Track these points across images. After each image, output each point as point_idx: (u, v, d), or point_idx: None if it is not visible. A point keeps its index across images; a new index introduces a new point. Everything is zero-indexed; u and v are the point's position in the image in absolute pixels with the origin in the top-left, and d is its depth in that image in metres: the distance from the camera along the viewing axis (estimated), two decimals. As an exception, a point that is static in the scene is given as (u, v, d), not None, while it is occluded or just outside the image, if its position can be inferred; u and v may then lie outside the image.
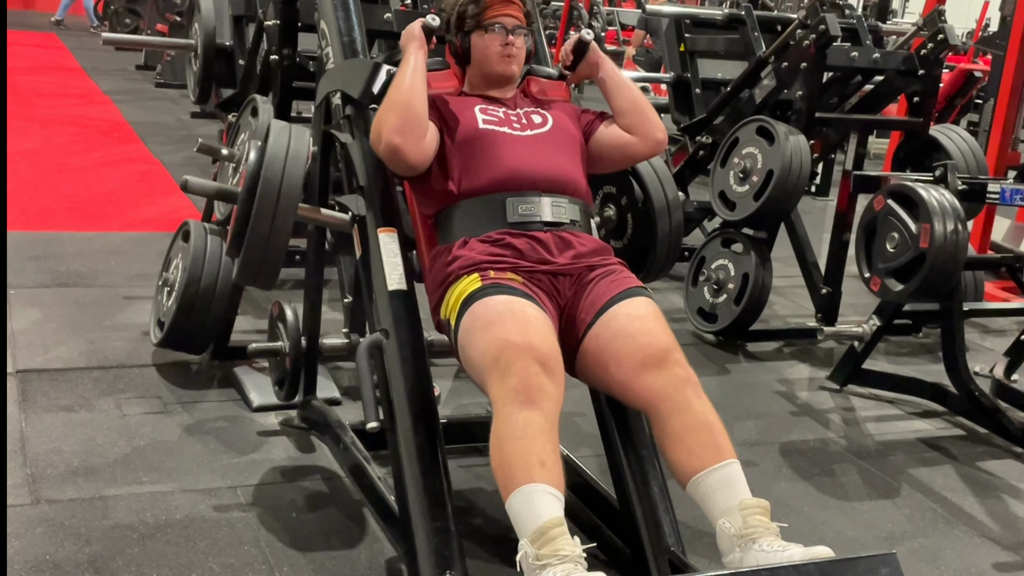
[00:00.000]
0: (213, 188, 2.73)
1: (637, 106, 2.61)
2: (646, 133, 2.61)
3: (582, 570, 1.85)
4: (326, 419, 3.02)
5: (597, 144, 2.62)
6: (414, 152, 2.37)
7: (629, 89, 2.63)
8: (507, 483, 1.95)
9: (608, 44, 13.52)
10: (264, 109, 3.33)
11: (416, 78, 2.42)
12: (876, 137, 8.80)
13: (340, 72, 2.72)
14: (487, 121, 2.48)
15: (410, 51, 2.48)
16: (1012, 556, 2.80)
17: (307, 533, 2.56)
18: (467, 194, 2.41)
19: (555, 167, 2.46)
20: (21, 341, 3.56)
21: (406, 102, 2.37)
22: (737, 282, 4.21)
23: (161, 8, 10.49)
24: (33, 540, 2.39)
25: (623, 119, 2.61)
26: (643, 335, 2.20)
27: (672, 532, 2.32)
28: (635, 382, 2.16)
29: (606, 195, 3.14)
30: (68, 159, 6.57)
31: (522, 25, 2.57)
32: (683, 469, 2.09)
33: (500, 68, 2.55)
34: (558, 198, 2.42)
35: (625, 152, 2.64)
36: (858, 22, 4.72)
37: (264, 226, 2.46)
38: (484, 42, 2.54)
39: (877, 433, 3.60)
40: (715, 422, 2.12)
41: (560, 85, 2.74)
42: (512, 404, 1.99)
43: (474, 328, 2.16)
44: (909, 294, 3.50)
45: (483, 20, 2.54)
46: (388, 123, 2.37)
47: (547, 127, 2.53)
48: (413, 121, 2.37)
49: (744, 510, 2.00)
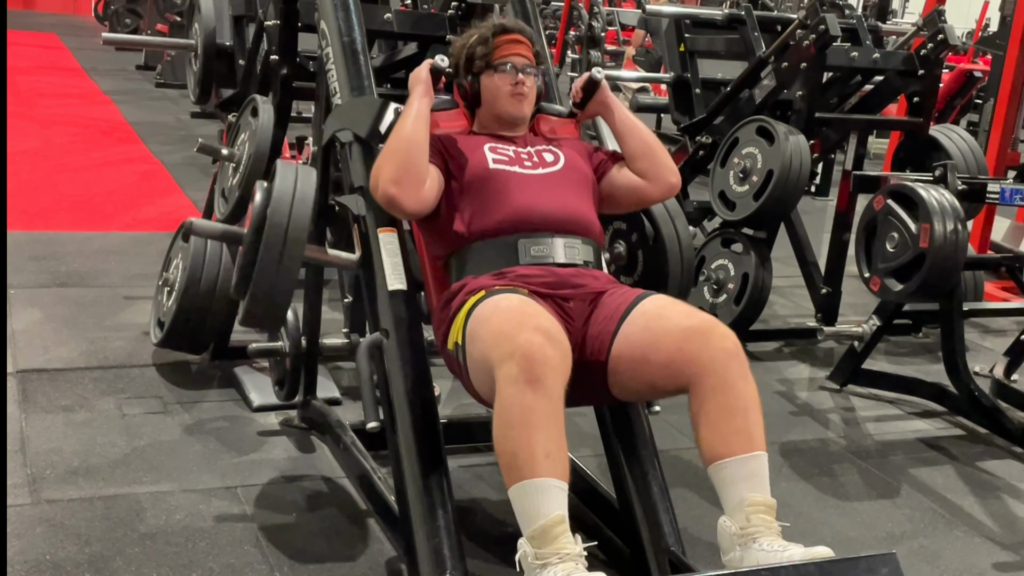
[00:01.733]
0: (218, 230, 2.65)
1: (650, 150, 2.56)
2: (659, 177, 2.56)
3: (582, 569, 1.85)
4: (326, 419, 3.02)
5: (609, 186, 2.57)
6: (411, 202, 2.33)
7: (640, 132, 2.58)
8: (510, 471, 1.93)
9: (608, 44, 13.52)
10: (264, 109, 3.33)
11: (417, 125, 2.38)
12: (876, 137, 8.80)
13: (347, 110, 2.67)
14: (497, 160, 2.44)
15: (414, 96, 2.44)
16: (1012, 556, 2.80)
17: (307, 533, 2.56)
18: (478, 236, 2.36)
19: (568, 207, 2.41)
20: (21, 341, 3.56)
21: (405, 151, 2.34)
22: (737, 282, 4.21)
23: (161, 8, 10.48)
24: (33, 540, 2.39)
25: (635, 163, 2.56)
26: (679, 315, 2.17)
27: (672, 532, 2.32)
28: (679, 355, 2.09)
29: (616, 231, 3.11)
30: (68, 159, 6.57)
31: (532, 64, 2.54)
32: (710, 451, 2.05)
33: (511, 108, 2.52)
34: (571, 239, 2.37)
35: (638, 196, 2.59)
36: (858, 22, 4.72)
37: (269, 272, 2.39)
38: (494, 82, 2.51)
39: (877, 433, 3.60)
40: (754, 407, 2.07)
41: (570, 123, 2.70)
42: (516, 384, 1.94)
43: (478, 325, 2.12)
44: (909, 294, 3.50)
45: (492, 60, 2.51)
46: (385, 172, 2.33)
47: (559, 165, 2.49)
48: (411, 170, 2.33)
49: (749, 507, 1.99)
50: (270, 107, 3.35)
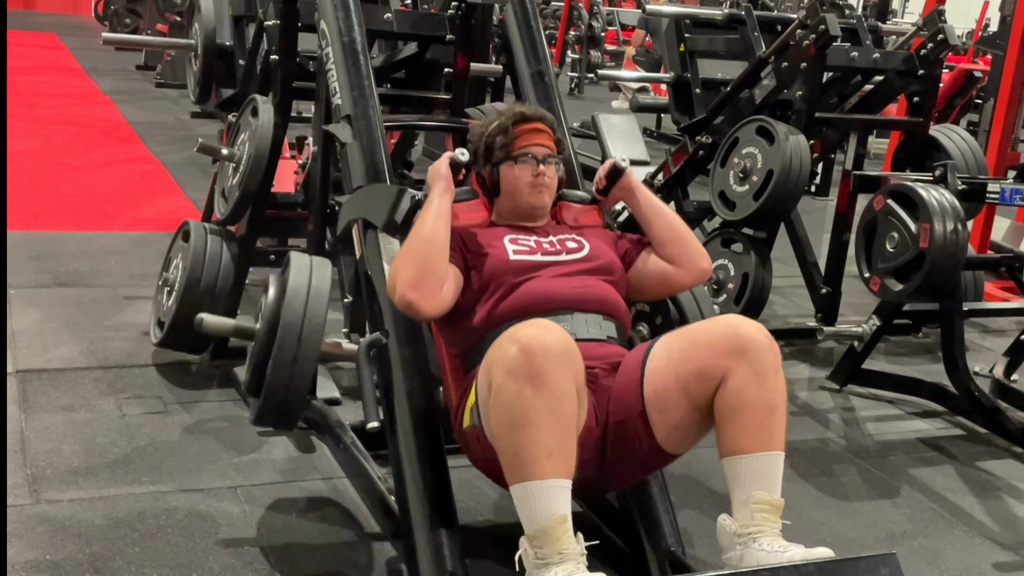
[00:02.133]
0: (230, 327, 2.53)
1: (678, 235, 2.46)
2: (690, 263, 2.46)
3: (583, 569, 1.84)
4: (326, 419, 3.02)
5: (638, 274, 2.47)
6: (429, 307, 2.21)
7: (667, 217, 2.48)
8: (511, 470, 1.92)
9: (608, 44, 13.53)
10: (264, 109, 3.33)
11: (438, 225, 2.25)
12: (876, 137, 8.80)
13: (362, 199, 2.61)
14: (518, 251, 2.34)
15: (435, 193, 2.32)
16: (1012, 556, 2.80)
17: (307, 533, 2.56)
18: (499, 323, 2.21)
19: (592, 290, 2.32)
20: (21, 341, 3.56)
21: (424, 253, 2.21)
22: (737, 282, 4.21)
23: (161, 8, 10.49)
24: (33, 540, 2.39)
25: (664, 249, 2.45)
26: (704, 325, 2.15)
27: (672, 532, 2.32)
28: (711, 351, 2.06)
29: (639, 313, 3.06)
30: (68, 159, 6.57)
31: (553, 154, 2.46)
32: (728, 444, 2.03)
33: (531, 200, 2.43)
34: (593, 316, 2.28)
35: (668, 283, 2.49)
36: (858, 22, 4.71)
37: (283, 373, 2.30)
38: (514, 173, 2.42)
39: (877, 433, 3.60)
40: (780, 405, 2.05)
41: (592, 209, 2.59)
42: (516, 381, 1.89)
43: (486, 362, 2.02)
44: (909, 294, 3.50)
45: (512, 151, 2.43)
46: (403, 276, 2.20)
47: (583, 252, 2.39)
48: (430, 273, 2.21)
49: (755, 504, 1.99)
50: (270, 107, 3.35)
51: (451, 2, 3.24)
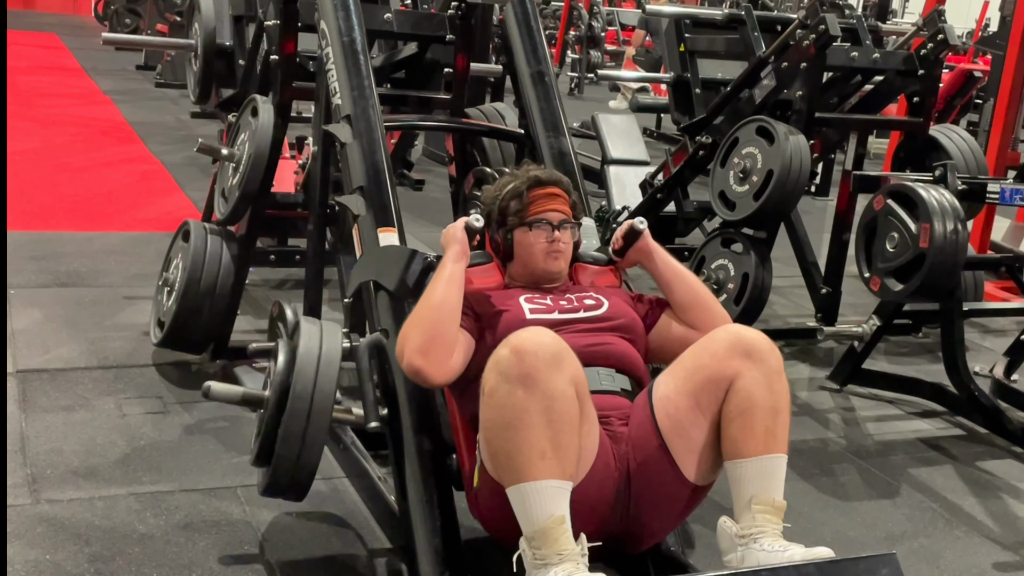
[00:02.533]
0: (238, 395, 2.40)
1: (700, 299, 2.40)
2: (713, 327, 2.31)
3: (583, 569, 1.84)
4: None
5: (659, 337, 2.41)
6: (437, 374, 2.15)
7: (687, 281, 2.42)
8: (505, 472, 1.91)
9: (608, 44, 13.53)
10: (264, 109, 3.33)
11: (450, 291, 2.19)
12: (876, 137, 8.80)
13: (374, 261, 2.56)
14: (535, 310, 2.29)
15: (448, 257, 2.25)
16: (1012, 556, 2.80)
17: (307, 533, 2.56)
18: None
19: (609, 347, 2.27)
20: (21, 341, 3.56)
21: (434, 319, 2.15)
22: (737, 282, 4.20)
23: (161, 8, 10.50)
24: (33, 540, 2.39)
25: (686, 314, 2.39)
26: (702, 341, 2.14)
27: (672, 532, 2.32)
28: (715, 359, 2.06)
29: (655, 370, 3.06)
30: (68, 159, 6.58)
31: (568, 219, 2.41)
32: (732, 446, 2.03)
33: (546, 266, 2.38)
34: (606, 370, 2.23)
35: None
36: (858, 22, 4.71)
37: (294, 444, 2.22)
38: (528, 239, 2.37)
39: (877, 433, 3.60)
40: (784, 408, 2.05)
41: (609, 271, 2.54)
42: (507, 382, 1.88)
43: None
44: (909, 294, 3.50)
45: (527, 217, 2.38)
46: (412, 342, 2.13)
47: (602, 309, 2.34)
48: (439, 339, 2.14)
49: (757, 505, 1.99)
50: (270, 107, 3.36)
51: (451, 2, 3.24)
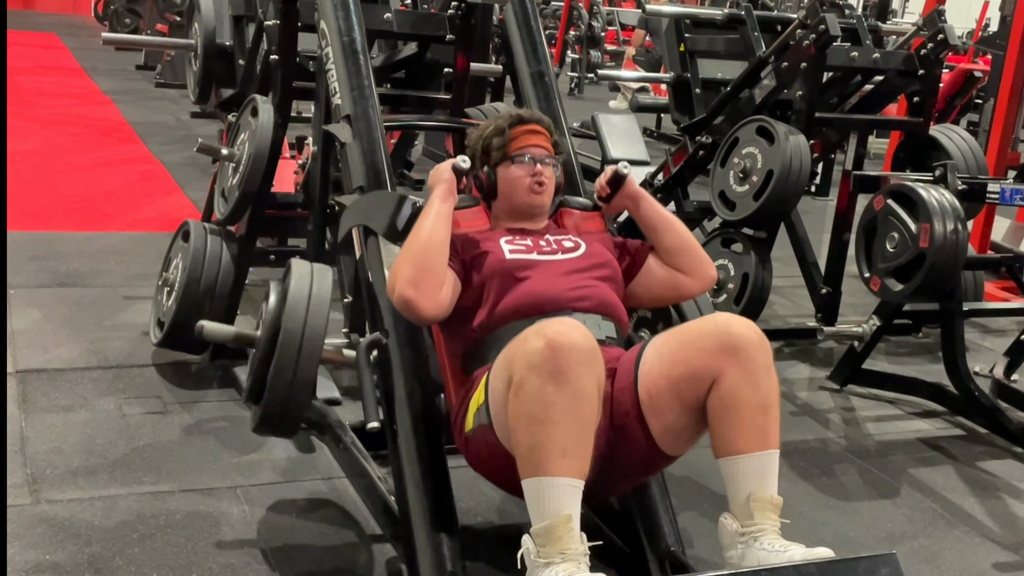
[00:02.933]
0: (231, 334, 2.50)
1: (686, 243, 2.47)
2: (698, 272, 2.47)
3: (585, 569, 1.84)
4: (326, 419, 3.01)
5: (644, 282, 2.48)
6: (428, 307, 2.21)
7: (675, 226, 2.48)
8: (525, 463, 1.92)
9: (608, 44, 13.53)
10: (264, 109, 3.33)
11: (437, 227, 2.27)
12: (876, 137, 8.80)
13: (363, 206, 2.60)
14: (514, 251, 2.36)
15: (435, 196, 2.33)
16: (1012, 556, 2.80)
17: (307, 533, 2.56)
18: (496, 325, 2.26)
19: (588, 288, 2.32)
20: (21, 341, 3.56)
21: (423, 252, 2.23)
22: (737, 282, 4.21)
23: (161, 8, 10.49)
24: (33, 540, 2.39)
25: (671, 258, 2.46)
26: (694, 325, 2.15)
27: (672, 532, 2.32)
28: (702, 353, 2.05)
29: (640, 319, 3.04)
30: (68, 159, 6.57)
31: (550, 155, 2.48)
32: (724, 443, 2.04)
33: (529, 199, 2.44)
34: (591, 316, 2.28)
35: (676, 291, 2.51)
36: (858, 22, 4.71)
37: (284, 380, 2.30)
38: (511, 174, 2.45)
39: (877, 433, 3.60)
40: (774, 404, 2.06)
41: (594, 216, 2.60)
42: (539, 376, 1.89)
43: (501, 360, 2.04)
44: (909, 294, 3.50)
45: (509, 151, 2.45)
46: (403, 275, 2.21)
47: (579, 251, 2.40)
48: (429, 274, 2.22)
49: (754, 503, 1.99)
50: (270, 107, 3.36)
51: (451, 2, 3.24)
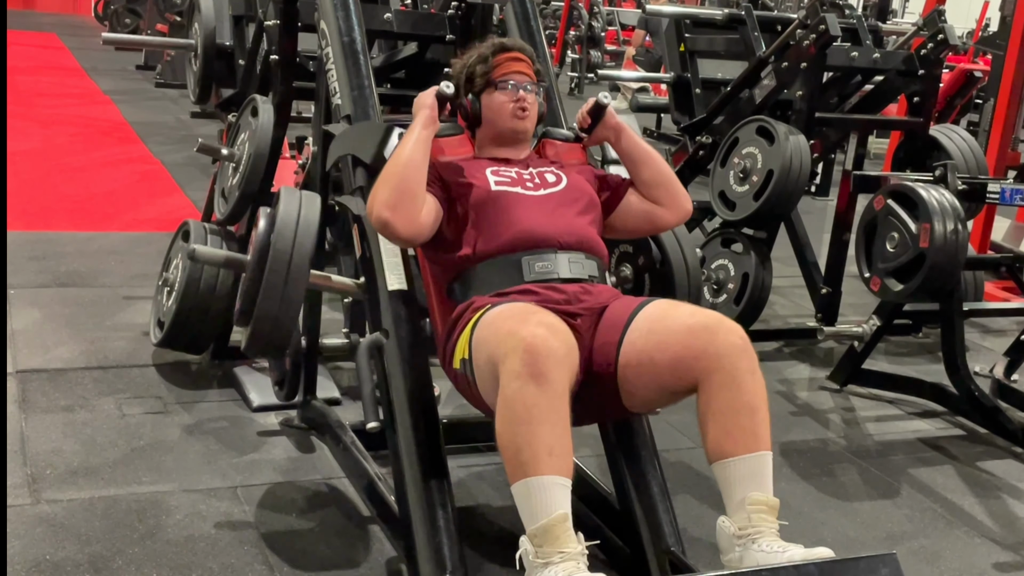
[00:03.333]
0: (222, 257, 2.62)
1: (664, 176, 2.54)
2: (675, 204, 2.54)
3: (584, 569, 1.84)
4: (326, 419, 3.02)
5: (622, 214, 2.55)
6: (404, 228, 2.28)
7: (653, 159, 2.54)
8: (513, 467, 1.93)
9: (608, 44, 13.53)
10: (264, 109, 3.33)
11: (416, 151, 2.33)
12: (876, 137, 8.80)
13: (350, 136, 2.64)
14: (499, 182, 2.41)
15: (417, 122, 2.39)
16: (1012, 556, 2.80)
17: (307, 533, 2.56)
18: (482, 257, 2.34)
19: (570, 224, 2.39)
20: (21, 341, 3.56)
21: (401, 175, 2.29)
22: (737, 282, 4.21)
23: (161, 8, 10.49)
24: (33, 540, 2.39)
25: (650, 191, 2.53)
26: (684, 314, 2.16)
27: (672, 532, 2.32)
28: (687, 352, 2.07)
29: (622, 254, 3.09)
30: (68, 159, 6.57)
31: (533, 82, 2.52)
32: (716, 448, 2.05)
33: (512, 124, 2.49)
34: (575, 254, 2.35)
35: (653, 223, 2.58)
36: (858, 22, 4.72)
37: (274, 300, 2.37)
38: (495, 100, 2.49)
39: (877, 433, 3.60)
40: (761, 406, 2.06)
41: (576, 148, 2.66)
42: (519, 379, 1.93)
43: (483, 330, 2.11)
44: (909, 294, 3.50)
45: (493, 78, 2.49)
46: (380, 196, 2.28)
47: (561, 185, 2.46)
48: (407, 196, 2.28)
49: (751, 505, 1.99)
50: (270, 107, 3.36)
51: (451, 2, 3.24)
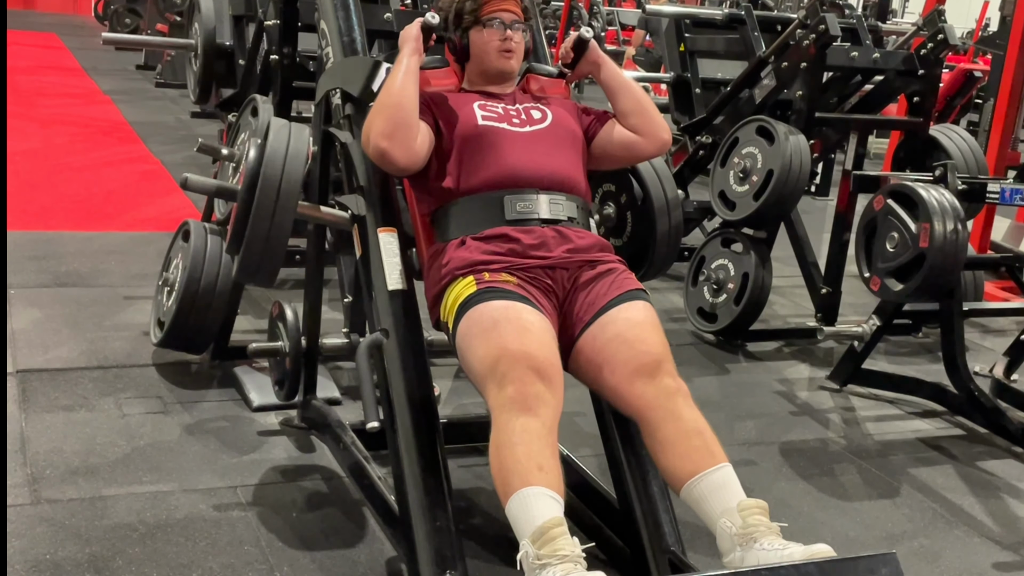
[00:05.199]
0: (213, 186, 2.76)
1: (642, 106, 2.61)
2: (652, 133, 2.61)
3: (582, 570, 1.84)
4: (326, 419, 3.02)
5: (602, 143, 2.62)
6: (402, 156, 2.37)
7: (632, 90, 2.62)
8: (506, 488, 1.95)
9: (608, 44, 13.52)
10: (264, 109, 3.33)
11: (407, 81, 2.40)
12: (876, 137, 8.80)
13: (339, 70, 2.71)
14: (486, 117, 2.47)
15: (404, 53, 2.46)
16: (1012, 556, 2.80)
17: (307, 533, 2.56)
18: (465, 192, 2.41)
19: (554, 164, 2.45)
20: (21, 341, 3.56)
21: (396, 105, 2.36)
22: (737, 282, 4.21)
23: (161, 8, 10.49)
24: (33, 540, 2.39)
25: (628, 120, 2.60)
26: (639, 343, 2.20)
27: (672, 532, 2.32)
28: (627, 389, 2.17)
29: (605, 193, 3.15)
30: (68, 159, 6.57)
31: (520, 20, 2.57)
32: (676, 474, 2.09)
33: (499, 63, 2.55)
34: (556, 195, 2.41)
35: (631, 152, 2.65)
36: (858, 22, 4.72)
37: (264, 224, 2.48)
38: (482, 37, 2.54)
39: (877, 433, 3.60)
40: (705, 428, 2.12)
41: (559, 83, 2.73)
42: (509, 412, 2.00)
43: (471, 335, 2.16)
44: (909, 294, 3.50)
45: (481, 15, 2.54)
46: (376, 127, 2.37)
47: (546, 123, 2.52)
48: (402, 125, 2.36)
49: (743, 511, 2.00)
50: (270, 107, 3.36)
51: (451, 2, 3.24)
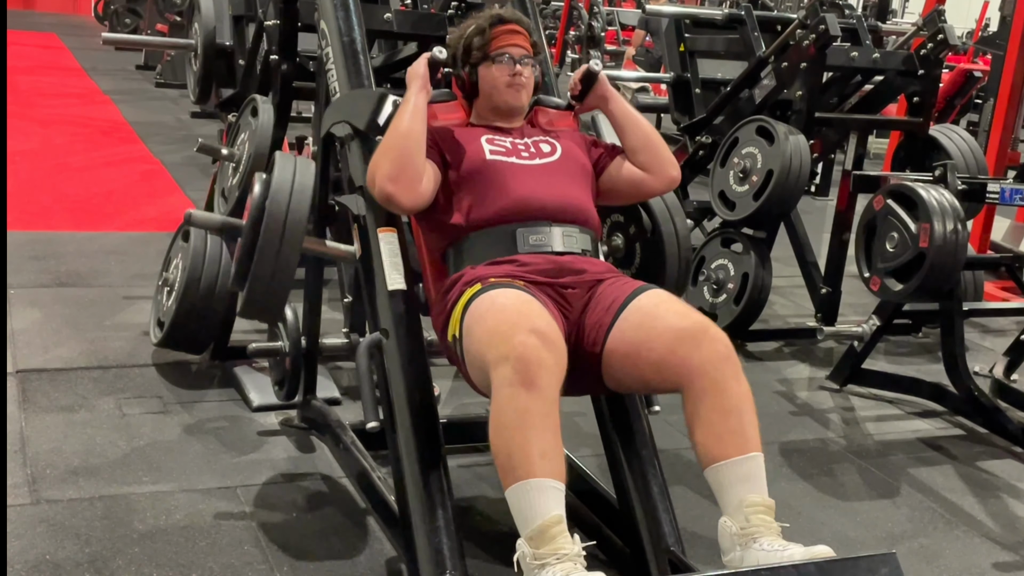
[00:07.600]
0: (217, 222, 2.70)
1: (651, 143, 2.57)
2: (661, 171, 2.58)
3: (581, 569, 1.84)
4: (326, 419, 3.02)
5: (610, 179, 2.59)
6: (408, 199, 2.33)
7: (640, 125, 2.59)
8: (506, 473, 1.94)
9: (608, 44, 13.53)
10: (264, 109, 3.33)
11: (414, 120, 2.37)
12: (876, 137, 8.80)
13: (345, 103, 2.66)
14: (494, 151, 2.44)
15: (411, 91, 2.42)
16: (1012, 556, 2.80)
17: (307, 533, 2.56)
18: (476, 226, 2.37)
19: (565, 196, 2.42)
20: (21, 341, 3.56)
21: (402, 147, 2.33)
22: (737, 282, 4.21)
23: (161, 8, 10.49)
24: (33, 540, 2.39)
25: (636, 156, 2.57)
26: (673, 314, 2.16)
27: (672, 532, 2.32)
28: (671, 357, 2.09)
29: (614, 224, 3.14)
30: (68, 159, 6.57)
31: (529, 55, 2.55)
32: (706, 453, 2.06)
33: (508, 98, 2.52)
34: (568, 227, 2.39)
35: (639, 189, 2.61)
36: (858, 22, 4.72)
37: (268, 262, 2.42)
38: (491, 73, 2.52)
39: (877, 433, 3.60)
40: (748, 409, 2.07)
41: (568, 115, 2.71)
42: (511, 386, 1.95)
43: (474, 322, 2.13)
44: (909, 294, 3.50)
45: (490, 51, 2.52)
46: (382, 169, 2.32)
47: (556, 156, 2.50)
48: (408, 166, 2.32)
49: (748, 507, 1.99)
50: (270, 107, 3.36)
51: (451, 2, 3.24)
